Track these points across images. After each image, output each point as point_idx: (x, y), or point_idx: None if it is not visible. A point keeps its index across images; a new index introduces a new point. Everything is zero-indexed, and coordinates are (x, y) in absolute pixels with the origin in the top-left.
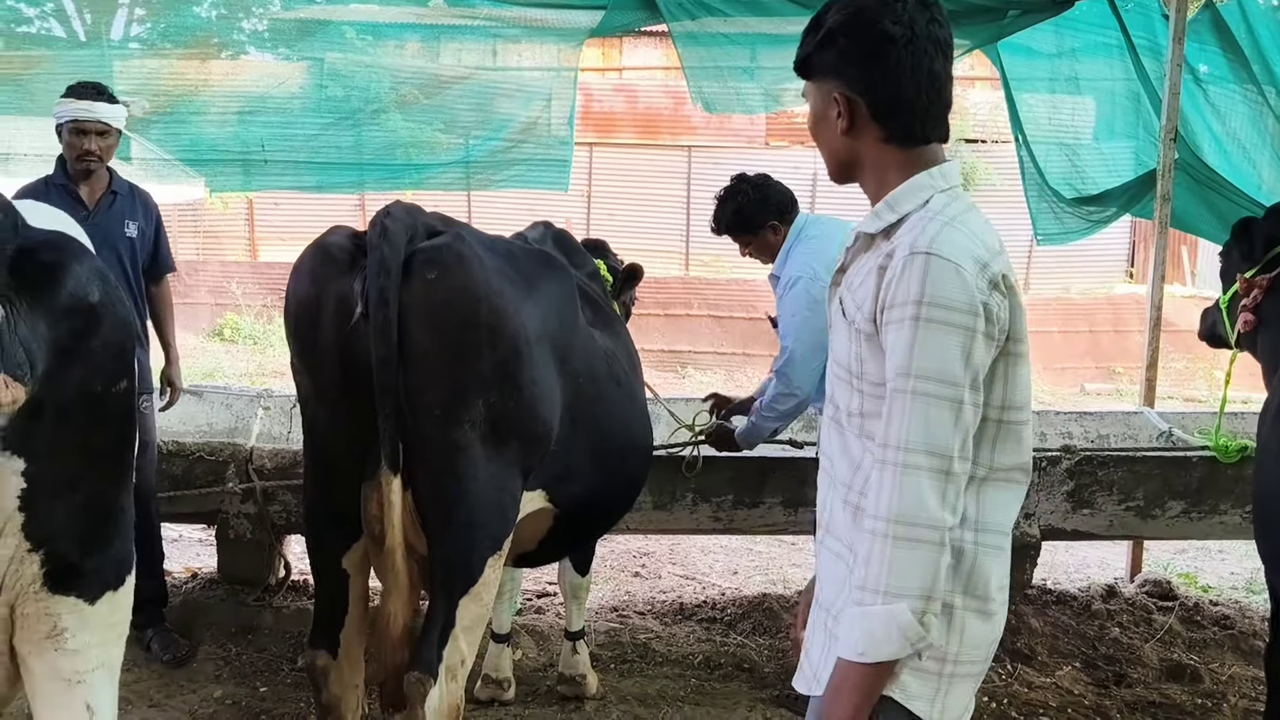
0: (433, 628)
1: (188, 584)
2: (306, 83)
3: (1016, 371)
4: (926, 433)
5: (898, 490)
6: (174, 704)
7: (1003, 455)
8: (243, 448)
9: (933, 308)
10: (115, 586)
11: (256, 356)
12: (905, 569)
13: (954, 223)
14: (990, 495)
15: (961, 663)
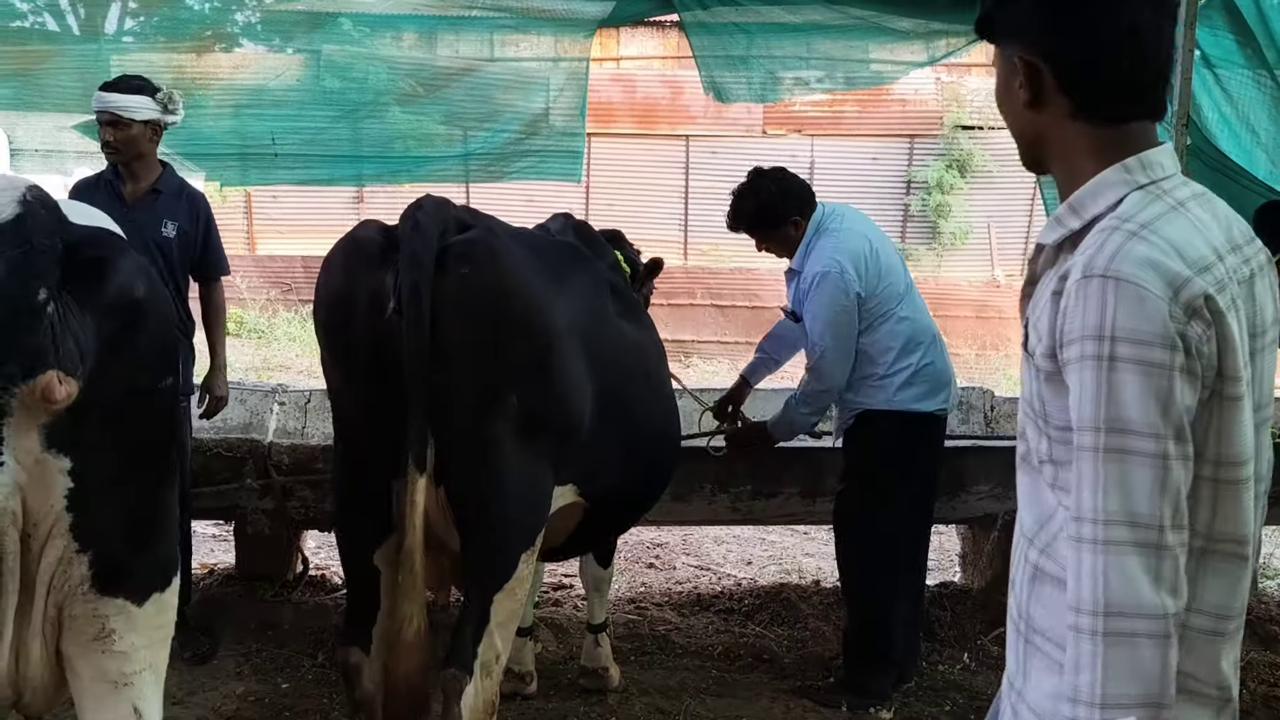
0: (467, 624)
1: (205, 580)
2: (304, 75)
3: (1232, 417)
4: (1126, 498)
5: (1101, 575)
6: (196, 701)
7: (1223, 522)
8: (261, 443)
9: (1120, 343)
10: (162, 588)
11: (262, 350)
12: (1124, 674)
13: (1144, 231)
14: (1208, 570)
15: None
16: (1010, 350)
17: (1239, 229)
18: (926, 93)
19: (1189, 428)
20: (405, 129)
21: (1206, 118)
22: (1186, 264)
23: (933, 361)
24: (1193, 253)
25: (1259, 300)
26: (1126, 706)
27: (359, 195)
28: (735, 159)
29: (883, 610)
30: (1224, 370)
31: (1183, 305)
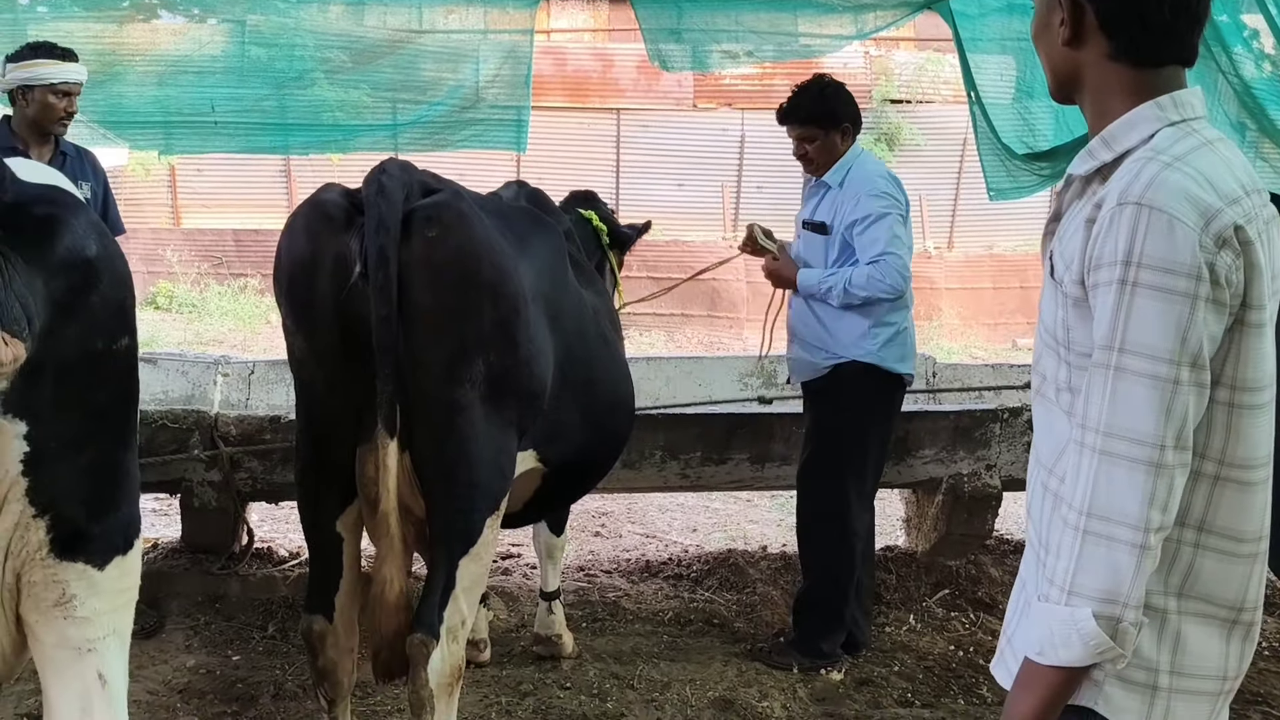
0: (434, 589)
1: (149, 554)
2: (229, 45)
3: (1250, 344)
4: (1132, 416)
5: (1095, 479)
6: (146, 675)
7: (1238, 446)
8: (207, 415)
9: (1144, 269)
10: (124, 550)
11: (194, 325)
12: (1095, 568)
13: (1178, 163)
14: (1223, 492)
15: (1183, 676)
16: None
17: (1253, 175)
18: (855, 67)
19: (1208, 356)
20: (334, 99)
21: None
22: (1219, 196)
23: (909, 326)
24: (1223, 186)
25: (1273, 246)
26: (1089, 597)
27: (286, 169)
28: (666, 132)
29: (837, 571)
30: (1249, 299)
31: (1213, 235)
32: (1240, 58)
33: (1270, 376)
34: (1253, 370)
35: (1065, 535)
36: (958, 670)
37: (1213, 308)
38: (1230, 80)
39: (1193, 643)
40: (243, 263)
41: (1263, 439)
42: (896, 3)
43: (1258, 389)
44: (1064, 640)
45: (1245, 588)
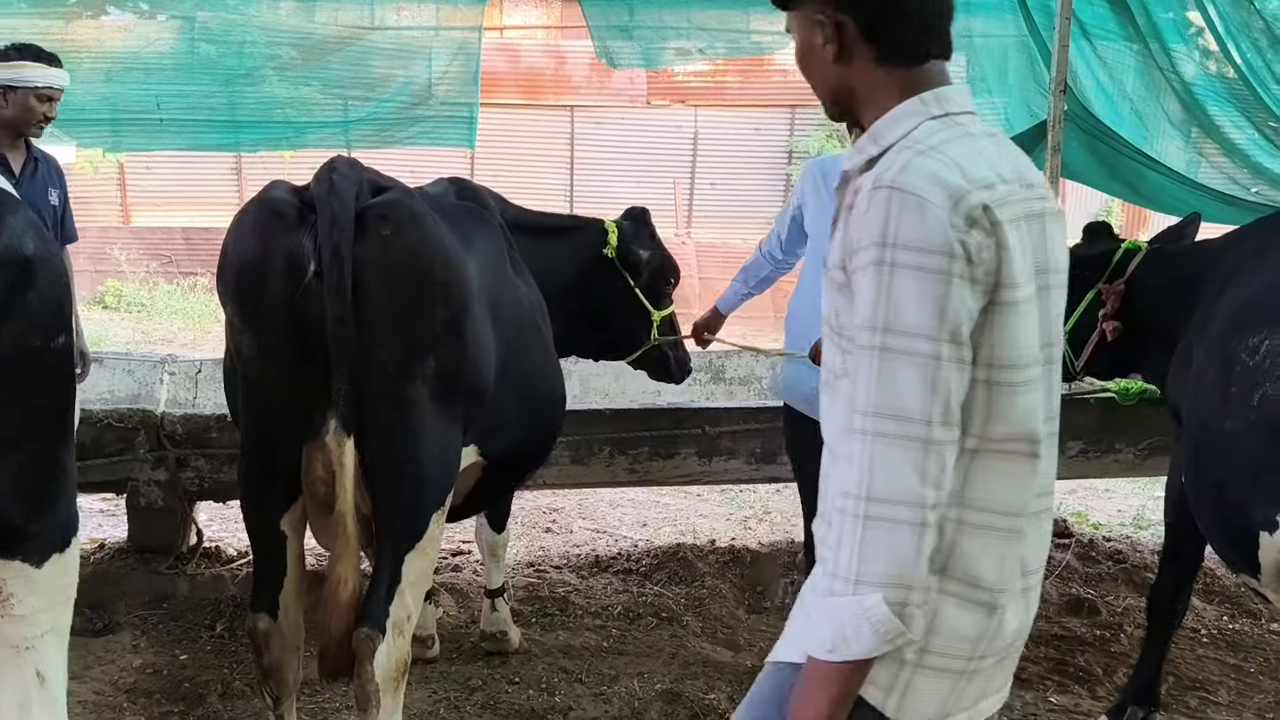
0: (379, 584)
1: (95, 555)
2: (178, 42)
3: (1007, 323)
4: (897, 395)
5: (868, 462)
6: (93, 675)
7: (996, 423)
8: (152, 414)
9: (900, 250)
10: (61, 549)
11: (142, 324)
12: (878, 553)
13: (931, 151)
14: (982, 468)
15: (931, 654)
16: None
17: (1031, 172)
18: None
19: (966, 333)
20: (284, 96)
21: (1083, 84)
22: (968, 180)
23: None
24: (975, 171)
25: (1050, 241)
26: (876, 584)
27: (238, 166)
28: (619, 129)
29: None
30: (1002, 278)
31: (963, 215)
32: (1180, 56)
33: (1030, 356)
34: (1009, 349)
35: (845, 525)
36: None
37: (967, 284)
38: (1169, 78)
39: (947, 622)
40: (192, 261)
41: (1022, 416)
42: None
43: (1015, 366)
44: (855, 632)
45: (1002, 566)
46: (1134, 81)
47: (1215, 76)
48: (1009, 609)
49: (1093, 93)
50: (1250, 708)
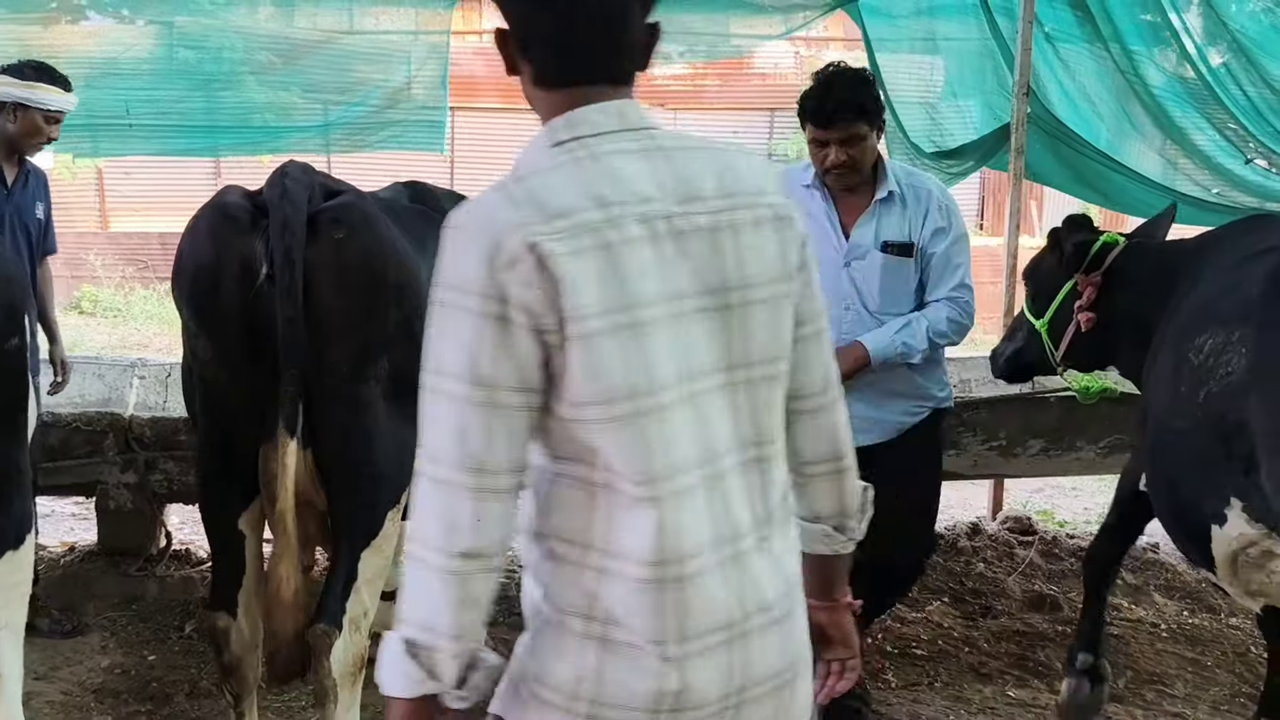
0: (336, 581)
1: (66, 558)
2: (156, 47)
3: (580, 359)
4: (434, 435)
5: (416, 502)
6: (61, 676)
7: (614, 459)
8: (121, 417)
9: (444, 289)
10: (15, 545)
11: (118, 329)
12: (413, 595)
13: (516, 183)
14: (613, 512)
15: (605, 706)
16: None
17: (715, 182)
18: (786, 66)
19: (507, 374)
20: (263, 101)
21: (1046, 88)
22: (533, 212)
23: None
24: (555, 202)
25: (727, 253)
26: (409, 624)
27: (217, 170)
28: None
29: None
30: (566, 313)
31: (507, 254)
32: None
33: (631, 388)
34: (593, 384)
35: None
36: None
37: (501, 326)
38: (1131, 81)
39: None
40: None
41: (641, 452)
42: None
43: (607, 402)
44: (389, 671)
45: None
46: (1096, 84)
47: (1176, 79)
48: (692, 665)
49: (1056, 95)
50: (1205, 700)
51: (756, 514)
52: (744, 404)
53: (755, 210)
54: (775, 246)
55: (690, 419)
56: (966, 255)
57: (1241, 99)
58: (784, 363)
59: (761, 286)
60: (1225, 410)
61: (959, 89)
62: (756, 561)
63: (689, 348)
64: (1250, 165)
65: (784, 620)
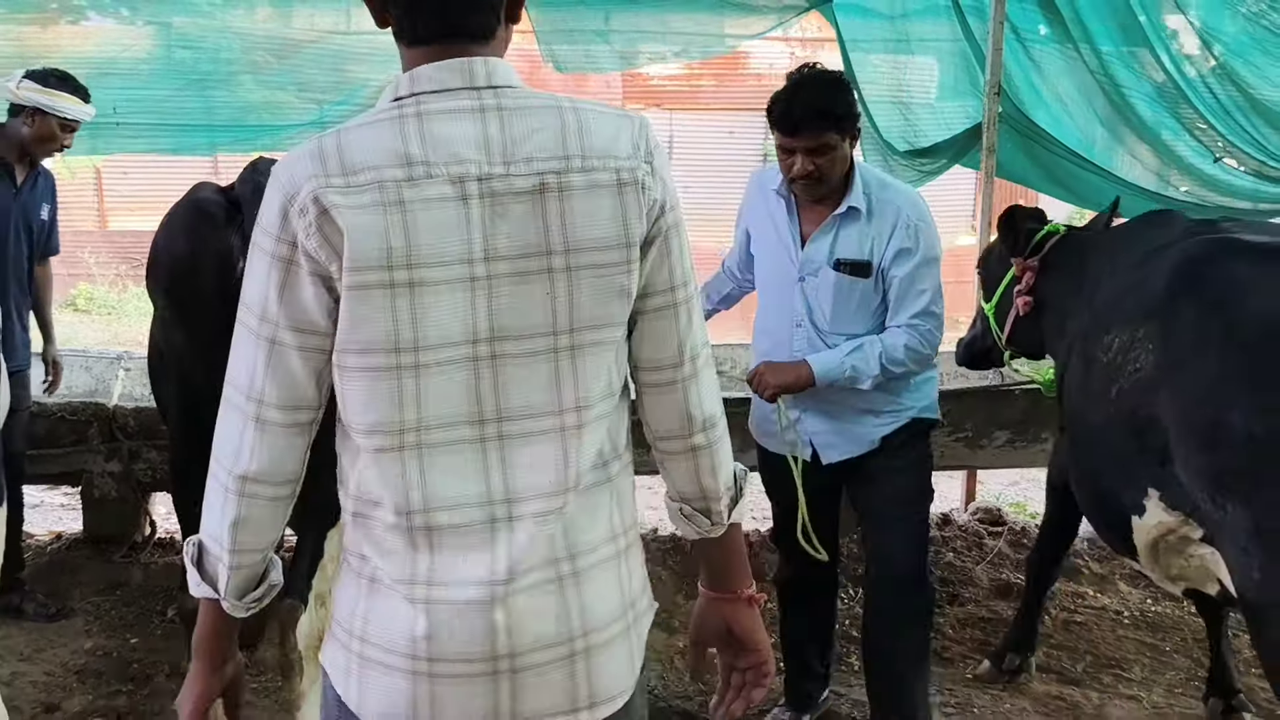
0: (302, 559)
1: (52, 545)
2: (154, 47)
3: (352, 308)
4: (233, 363)
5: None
6: (44, 657)
7: (356, 411)
8: (106, 407)
9: (255, 230)
10: None
11: (113, 326)
12: (206, 503)
13: (326, 137)
14: (360, 458)
15: (369, 644)
16: None
17: (552, 143)
18: (781, 67)
19: (298, 313)
20: (258, 99)
21: (1018, 87)
22: (332, 165)
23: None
24: (356, 157)
25: (551, 217)
26: (204, 533)
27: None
28: None
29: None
30: (346, 263)
31: (299, 202)
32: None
33: (392, 342)
34: (354, 333)
35: None
36: None
37: (287, 268)
38: (1100, 80)
39: (362, 602)
40: None
41: (387, 405)
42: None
43: (361, 352)
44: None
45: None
46: (1067, 84)
47: (1146, 79)
48: (439, 612)
49: (1027, 95)
50: (1161, 683)
51: (557, 477)
52: (565, 368)
53: (593, 174)
54: (612, 211)
55: (467, 379)
56: (932, 280)
57: (1210, 99)
58: (612, 330)
59: (590, 252)
60: (1137, 405)
61: (932, 89)
62: (539, 524)
63: (492, 309)
64: (1219, 164)
65: (564, 586)
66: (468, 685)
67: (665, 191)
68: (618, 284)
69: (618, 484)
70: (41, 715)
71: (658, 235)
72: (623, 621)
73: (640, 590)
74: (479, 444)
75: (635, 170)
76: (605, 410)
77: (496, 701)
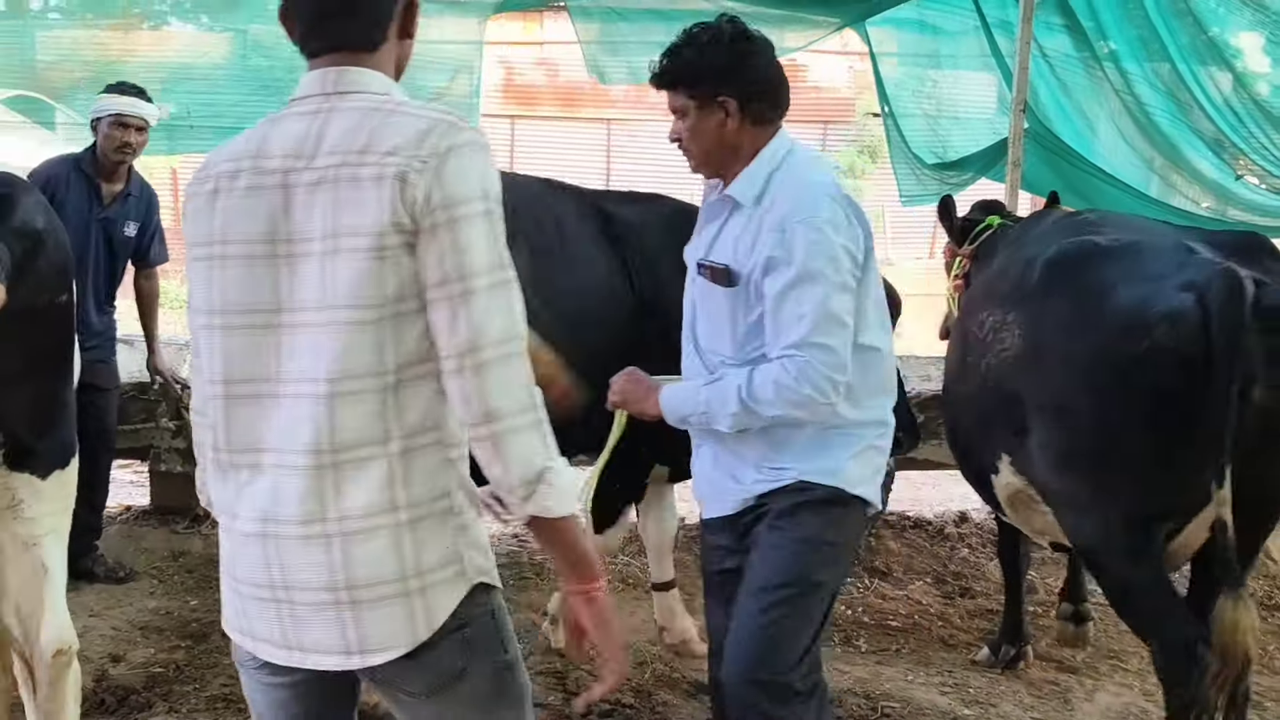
0: None
1: (121, 516)
2: (230, 53)
3: (190, 279)
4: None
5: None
6: (112, 615)
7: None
8: (174, 387)
9: None
10: (62, 466)
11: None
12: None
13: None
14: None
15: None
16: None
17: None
18: (840, 81)
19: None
20: None
21: (1044, 104)
22: (218, 157)
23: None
24: (216, 155)
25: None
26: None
27: None
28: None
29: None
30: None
31: (190, 185)
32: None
33: (208, 307)
34: (191, 299)
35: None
36: (841, 625)
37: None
38: (1124, 99)
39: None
40: None
41: (206, 361)
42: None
43: (192, 313)
44: None
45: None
46: (1091, 102)
47: (1169, 97)
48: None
49: (1053, 112)
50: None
51: (312, 440)
52: (303, 343)
53: (354, 168)
54: (365, 204)
55: (238, 343)
56: (814, 301)
57: (1232, 117)
58: (364, 311)
59: (347, 237)
60: (1001, 380)
61: (960, 103)
62: (300, 478)
63: (251, 285)
64: (1240, 181)
65: (330, 542)
66: (258, 606)
67: (441, 188)
68: (368, 269)
69: (409, 460)
70: (109, 664)
71: (428, 229)
72: (399, 585)
73: (440, 562)
74: (244, 400)
75: (405, 166)
76: (368, 386)
77: (283, 628)
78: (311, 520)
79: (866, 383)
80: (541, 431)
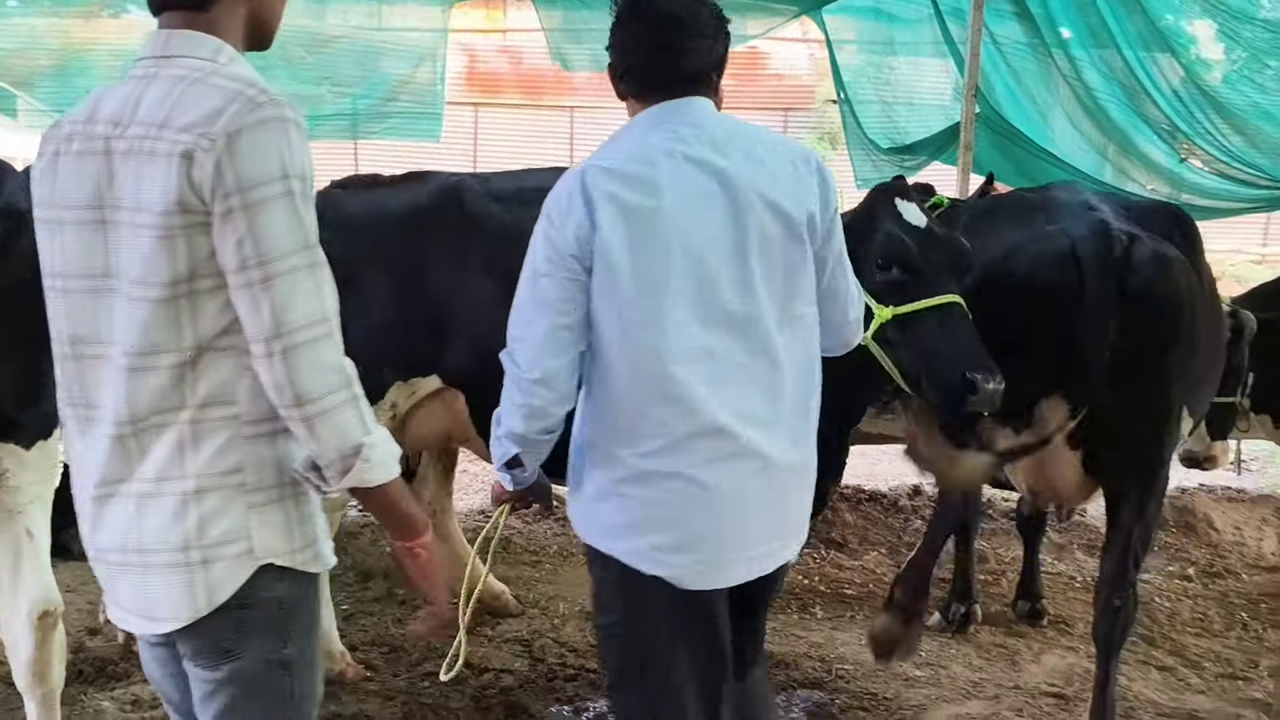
0: None
1: None
2: None
3: (37, 241)
4: None
5: None
6: (87, 590)
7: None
8: None
9: None
10: (45, 436)
11: None
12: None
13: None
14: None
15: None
16: None
17: (147, 111)
18: (801, 68)
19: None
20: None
21: (993, 89)
22: (64, 121)
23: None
24: (74, 113)
25: (115, 175)
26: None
27: None
28: None
29: None
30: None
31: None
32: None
33: (51, 270)
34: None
35: None
36: (798, 593)
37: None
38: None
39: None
40: None
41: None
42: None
43: (41, 276)
44: None
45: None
46: (1040, 87)
47: (1115, 82)
48: (83, 509)
49: (1004, 97)
50: None
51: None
52: (123, 311)
53: (153, 141)
54: (156, 179)
55: (77, 306)
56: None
57: (1178, 104)
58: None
59: (130, 211)
60: None
61: (914, 89)
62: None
63: (84, 250)
64: (1185, 164)
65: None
66: (96, 565)
67: (234, 168)
68: (157, 244)
69: (198, 430)
70: (86, 636)
71: (222, 213)
72: (179, 555)
73: (224, 538)
74: (74, 360)
75: (192, 145)
76: (167, 361)
77: (110, 587)
78: (115, 481)
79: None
80: (357, 409)
